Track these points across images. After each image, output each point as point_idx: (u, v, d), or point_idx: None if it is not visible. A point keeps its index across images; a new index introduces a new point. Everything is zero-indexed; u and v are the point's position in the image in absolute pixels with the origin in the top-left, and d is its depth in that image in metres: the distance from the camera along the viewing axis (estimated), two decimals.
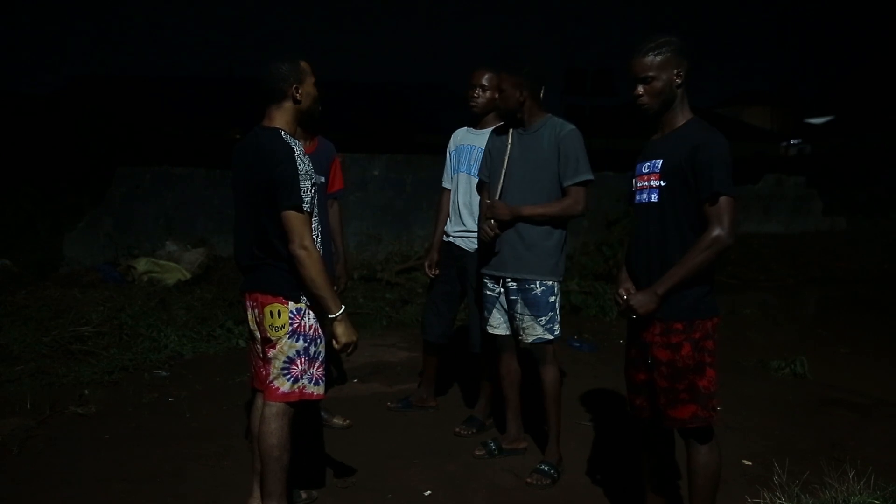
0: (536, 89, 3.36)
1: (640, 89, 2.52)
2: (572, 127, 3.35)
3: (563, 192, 3.32)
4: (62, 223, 8.27)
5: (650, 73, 2.50)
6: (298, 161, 2.57)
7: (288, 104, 2.68)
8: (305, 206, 2.57)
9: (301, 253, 2.55)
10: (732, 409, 4.19)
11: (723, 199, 2.41)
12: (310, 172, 2.61)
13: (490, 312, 3.51)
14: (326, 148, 3.84)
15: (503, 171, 3.39)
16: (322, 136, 3.91)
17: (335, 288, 3.94)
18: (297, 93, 2.67)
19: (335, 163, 3.87)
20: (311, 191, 2.59)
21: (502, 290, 3.43)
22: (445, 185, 4.07)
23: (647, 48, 2.51)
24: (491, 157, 3.51)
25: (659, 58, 2.50)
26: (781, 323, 6.88)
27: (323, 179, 3.76)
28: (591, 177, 3.32)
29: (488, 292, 3.50)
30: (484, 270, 3.48)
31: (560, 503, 3.18)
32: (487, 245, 3.40)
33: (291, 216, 2.55)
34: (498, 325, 3.50)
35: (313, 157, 3.72)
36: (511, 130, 3.42)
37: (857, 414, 4.31)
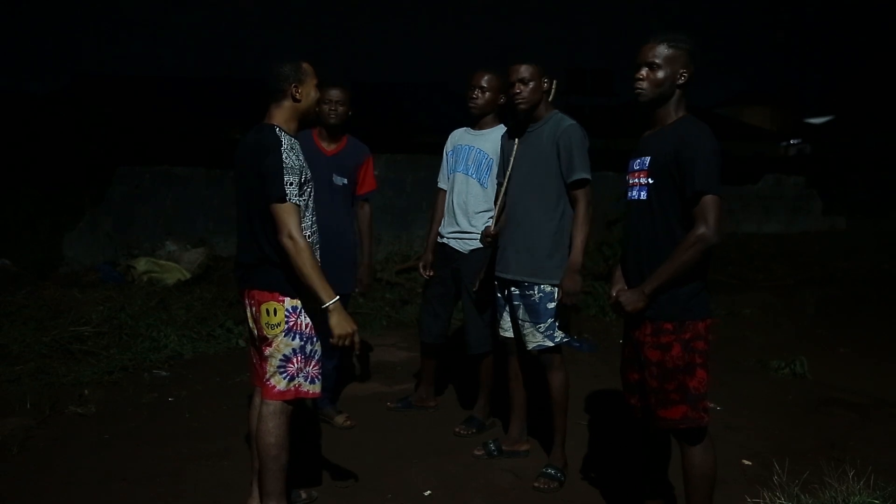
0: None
1: (643, 73, 2.52)
2: (572, 122, 3.30)
3: (567, 190, 3.26)
4: (62, 223, 8.26)
5: (657, 61, 2.50)
6: (285, 154, 2.62)
7: (287, 103, 2.76)
8: (291, 199, 2.60)
9: (288, 243, 2.58)
10: (732, 409, 4.20)
11: (707, 198, 2.39)
12: (299, 167, 2.65)
13: (500, 315, 3.51)
14: (354, 149, 3.83)
15: (508, 172, 3.38)
16: (352, 137, 3.88)
17: (357, 289, 3.97)
18: (297, 92, 2.75)
19: (366, 164, 3.85)
20: (297, 184, 2.62)
21: (506, 294, 3.42)
22: (441, 185, 4.03)
23: (665, 37, 2.51)
24: (503, 157, 3.50)
25: (671, 50, 2.50)
26: (781, 323, 6.86)
27: (345, 181, 3.76)
28: (586, 175, 3.22)
29: (498, 294, 3.50)
30: (495, 273, 3.47)
31: (559, 503, 3.18)
32: (494, 247, 3.40)
33: (277, 207, 2.59)
34: (508, 328, 3.49)
35: (336, 157, 3.74)
36: (521, 129, 3.40)
37: (857, 414, 4.30)
